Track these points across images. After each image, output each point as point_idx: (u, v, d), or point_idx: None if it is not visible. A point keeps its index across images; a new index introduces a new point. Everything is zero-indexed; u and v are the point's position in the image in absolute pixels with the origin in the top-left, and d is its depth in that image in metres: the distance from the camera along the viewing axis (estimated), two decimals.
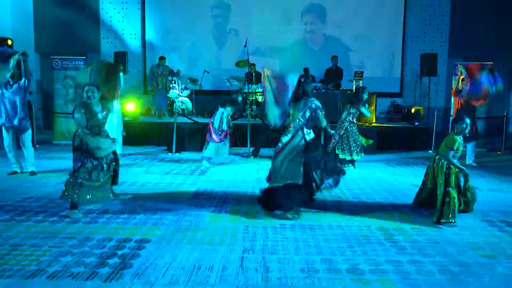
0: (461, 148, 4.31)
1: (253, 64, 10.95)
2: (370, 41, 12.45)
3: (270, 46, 12.36)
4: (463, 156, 7.67)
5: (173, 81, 10.69)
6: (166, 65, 10.91)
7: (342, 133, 6.79)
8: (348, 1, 12.39)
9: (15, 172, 6.35)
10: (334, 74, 11.01)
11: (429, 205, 4.57)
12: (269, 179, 4.60)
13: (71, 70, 9.91)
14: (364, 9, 12.35)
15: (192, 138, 9.06)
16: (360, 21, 12.44)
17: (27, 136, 6.30)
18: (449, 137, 4.36)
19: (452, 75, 9.76)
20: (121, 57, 10.82)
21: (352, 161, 6.93)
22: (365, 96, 6.91)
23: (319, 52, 12.32)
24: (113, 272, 3.07)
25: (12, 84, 5.98)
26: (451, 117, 9.23)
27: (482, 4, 11.23)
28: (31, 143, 6.44)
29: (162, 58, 10.91)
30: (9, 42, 9.44)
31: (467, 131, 4.33)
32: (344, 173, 4.74)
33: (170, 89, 10.55)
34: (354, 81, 10.40)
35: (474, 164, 7.46)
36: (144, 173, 6.58)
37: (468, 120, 4.34)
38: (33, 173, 6.33)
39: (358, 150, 6.80)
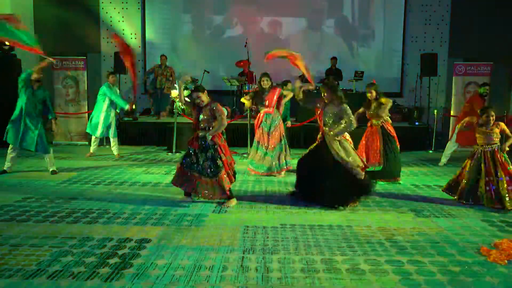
0: None
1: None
2: (370, 41, 12.46)
3: (270, 46, 12.37)
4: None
5: (173, 82, 10.69)
6: (167, 65, 10.89)
7: None
8: (348, 1, 12.40)
9: (4, 171, 6.37)
10: (332, 75, 11.01)
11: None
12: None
13: (71, 70, 9.91)
14: (364, 9, 12.36)
15: None
16: (360, 21, 12.46)
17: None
18: None
19: (452, 75, 9.77)
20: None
21: None
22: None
23: (319, 52, 12.31)
24: (113, 272, 3.07)
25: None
26: (451, 117, 9.26)
27: (482, 4, 11.22)
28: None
29: (162, 57, 10.89)
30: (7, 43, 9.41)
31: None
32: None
33: (170, 90, 10.55)
34: (354, 81, 10.40)
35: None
36: (144, 173, 6.58)
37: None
38: (53, 172, 6.42)
39: None
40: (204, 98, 4.75)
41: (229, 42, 12.44)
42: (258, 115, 6.56)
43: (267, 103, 6.41)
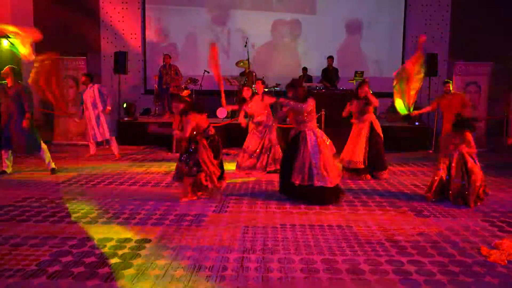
0: None
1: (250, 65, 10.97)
2: (370, 41, 12.45)
3: (269, 46, 12.39)
4: None
5: (180, 80, 10.66)
6: (171, 64, 10.80)
7: None
8: (348, 1, 12.39)
9: (4, 172, 6.38)
10: (330, 74, 11.01)
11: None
12: None
13: (71, 70, 9.91)
14: (364, 9, 12.35)
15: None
16: (360, 21, 12.45)
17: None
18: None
19: (452, 75, 9.77)
20: (121, 57, 10.81)
21: None
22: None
23: (318, 52, 12.30)
24: (113, 272, 3.07)
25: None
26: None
27: (483, 4, 11.22)
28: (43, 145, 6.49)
29: (165, 57, 10.84)
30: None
31: None
32: None
33: (177, 89, 10.48)
34: (354, 81, 10.39)
35: (481, 164, 7.47)
36: (144, 173, 6.58)
37: None
38: (53, 170, 6.44)
39: None
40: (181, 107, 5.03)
41: (230, 42, 12.44)
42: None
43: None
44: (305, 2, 12.39)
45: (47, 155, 6.43)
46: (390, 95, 11.79)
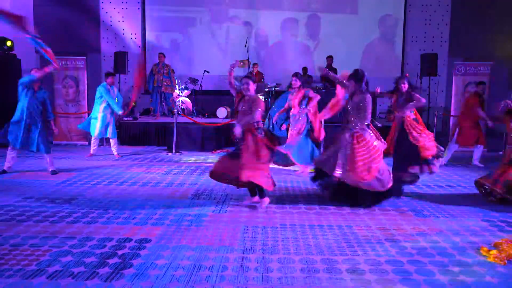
0: None
1: (256, 64, 10.98)
2: (370, 41, 12.45)
3: (269, 46, 12.39)
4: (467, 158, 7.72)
5: (172, 80, 10.70)
6: (166, 63, 10.84)
7: None
8: (348, 1, 12.39)
9: (4, 171, 6.38)
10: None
11: None
12: None
13: (71, 70, 9.91)
14: (364, 9, 12.35)
15: (192, 138, 9.05)
16: (360, 21, 12.45)
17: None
18: None
19: (452, 75, 9.78)
20: (121, 57, 10.82)
21: None
22: None
23: (319, 51, 12.31)
24: (113, 272, 3.07)
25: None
26: (451, 117, 9.27)
27: (483, 4, 11.22)
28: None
29: (159, 55, 10.87)
30: (8, 43, 9.46)
31: None
32: None
33: (168, 88, 10.55)
34: None
35: (481, 165, 7.55)
36: (144, 173, 6.58)
37: None
38: (54, 172, 6.42)
39: None
40: (251, 88, 4.68)
41: (230, 42, 12.44)
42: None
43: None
44: (304, 3, 12.40)
45: (51, 157, 6.44)
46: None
